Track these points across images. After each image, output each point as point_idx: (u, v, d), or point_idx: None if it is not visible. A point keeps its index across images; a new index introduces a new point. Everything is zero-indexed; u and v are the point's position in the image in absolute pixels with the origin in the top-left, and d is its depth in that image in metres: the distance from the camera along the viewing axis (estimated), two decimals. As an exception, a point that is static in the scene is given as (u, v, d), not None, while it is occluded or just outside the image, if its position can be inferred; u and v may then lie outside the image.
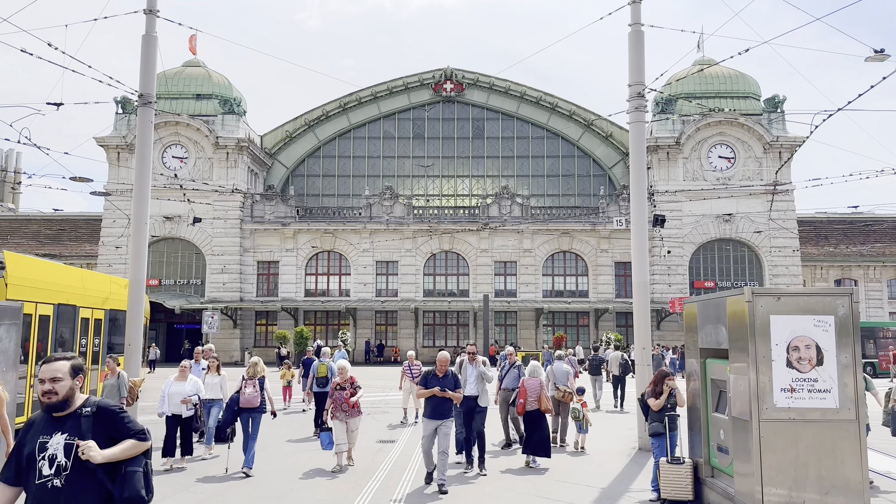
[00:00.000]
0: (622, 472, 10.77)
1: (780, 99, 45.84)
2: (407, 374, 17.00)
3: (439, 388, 9.60)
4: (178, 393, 11.02)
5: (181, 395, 10.98)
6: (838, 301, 6.74)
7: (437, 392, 9.58)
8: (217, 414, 11.52)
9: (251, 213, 46.57)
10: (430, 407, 9.65)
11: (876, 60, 15.07)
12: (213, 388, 12.02)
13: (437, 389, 9.60)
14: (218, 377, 12.18)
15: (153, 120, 14.28)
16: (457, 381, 9.98)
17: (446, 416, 9.68)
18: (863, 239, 50.78)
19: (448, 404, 9.73)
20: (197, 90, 47.93)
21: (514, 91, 51.92)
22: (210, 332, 25.55)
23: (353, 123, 52.51)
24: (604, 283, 45.97)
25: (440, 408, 9.64)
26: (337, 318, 46.60)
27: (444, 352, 9.99)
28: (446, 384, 9.70)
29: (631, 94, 13.90)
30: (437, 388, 9.60)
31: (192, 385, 11.16)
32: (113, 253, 44.13)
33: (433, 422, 9.56)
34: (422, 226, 45.96)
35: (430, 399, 9.68)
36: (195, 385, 11.20)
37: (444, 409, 9.66)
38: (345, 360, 10.44)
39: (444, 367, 9.81)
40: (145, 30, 14.13)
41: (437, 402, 9.64)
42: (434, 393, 9.60)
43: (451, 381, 9.82)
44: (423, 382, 9.92)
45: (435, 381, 9.74)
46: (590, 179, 51.81)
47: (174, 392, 11.07)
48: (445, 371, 9.83)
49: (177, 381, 11.24)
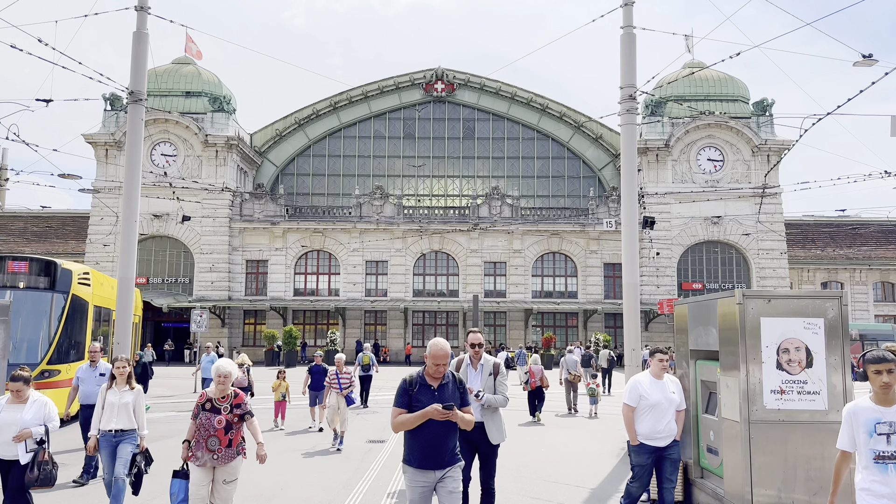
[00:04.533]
0: (612, 473, 10.81)
1: (768, 102, 46.20)
2: (334, 384, 13.10)
3: (439, 406, 5.09)
4: (9, 424, 6.62)
5: (13, 427, 6.60)
6: (828, 304, 6.79)
7: (436, 413, 5.07)
8: (129, 455, 7.63)
9: (240, 212, 46.40)
10: (421, 444, 5.22)
11: (864, 65, 15.19)
12: (120, 413, 7.71)
13: (434, 409, 5.09)
14: (130, 393, 7.84)
15: (143, 117, 14.21)
16: (464, 391, 5.52)
17: (450, 459, 5.28)
18: (849, 242, 51.22)
19: (453, 437, 5.34)
20: (187, 88, 47.72)
21: (505, 92, 52.01)
22: (198, 331, 25.43)
23: (344, 122, 52.42)
24: (593, 284, 46.12)
25: (439, 444, 5.22)
26: (326, 317, 46.50)
27: (441, 340, 5.44)
28: (448, 397, 5.28)
29: (622, 96, 13.94)
30: (436, 407, 5.09)
31: (35, 412, 6.75)
32: (100, 251, 43.84)
33: (427, 475, 5.22)
34: (412, 226, 45.95)
35: (420, 430, 5.20)
36: (38, 411, 6.77)
37: (447, 447, 5.27)
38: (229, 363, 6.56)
39: (441, 367, 5.31)
40: (136, 27, 14.05)
41: (436, 432, 5.18)
42: (429, 415, 5.10)
43: (454, 391, 5.40)
44: (401, 398, 5.30)
45: (425, 393, 5.27)
46: (580, 181, 51.97)
47: (2, 422, 6.63)
48: (444, 374, 5.36)
49: (9, 404, 6.77)
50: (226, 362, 6.66)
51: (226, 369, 6.53)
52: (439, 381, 5.35)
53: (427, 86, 51.87)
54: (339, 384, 13.07)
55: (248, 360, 16.31)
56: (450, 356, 5.37)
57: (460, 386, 5.50)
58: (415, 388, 5.31)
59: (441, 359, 5.29)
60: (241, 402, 6.60)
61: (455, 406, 5.16)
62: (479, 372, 7.12)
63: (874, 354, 4.35)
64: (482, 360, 7.17)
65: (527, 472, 10.72)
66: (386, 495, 9.16)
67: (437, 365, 5.31)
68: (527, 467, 11.02)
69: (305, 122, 52.23)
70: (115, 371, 7.92)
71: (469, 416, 5.35)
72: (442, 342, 5.39)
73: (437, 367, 5.32)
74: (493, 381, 7.00)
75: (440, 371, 5.33)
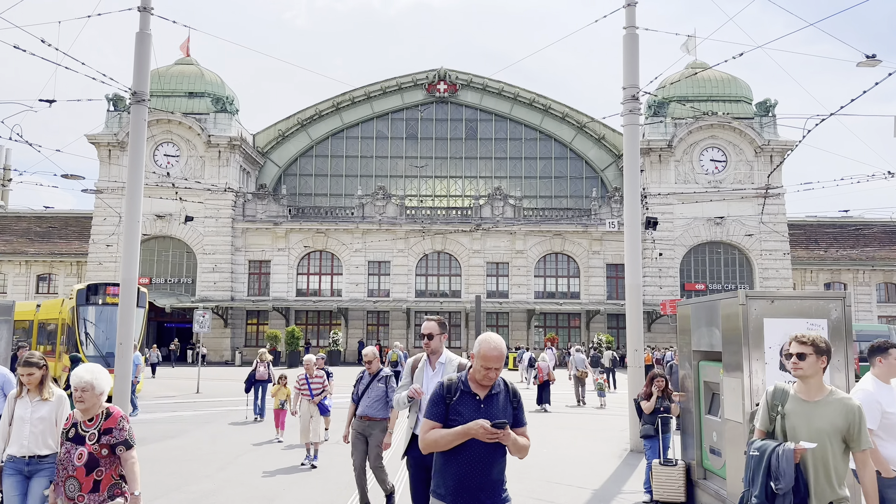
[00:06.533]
0: (614, 474, 10.80)
1: (771, 103, 46.12)
2: (304, 390, 11.35)
3: (487, 423, 3.72)
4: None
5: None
6: (831, 305, 6.77)
7: (483, 431, 3.71)
8: (42, 492, 5.26)
9: (243, 212, 46.43)
10: (457, 472, 3.86)
11: (867, 66, 15.16)
12: (33, 432, 5.34)
13: (480, 426, 3.72)
14: (44, 405, 5.39)
15: (146, 118, 14.23)
16: (519, 406, 4.07)
17: (494, 497, 3.92)
18: (853, 243, 51.09)
19: (500, 466, 3.96)
20: (189, 88, 47.76)
21: (508, 92, 51.97)
22: (201, 332, 25.44)
23: (347, 123, 52.43)
24: (595, 284, 46.08)
25: (482, 474, 3.88)
26: (329, 318, 46.51)
27: (494, 336, 4.02)
28: (498, 412, 3.94)
29: (625, 96, 13.93)
30: (482, 423, 3.71)
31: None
32: (103, 251, 43.92)
33: None
34: (414, 226, 45.94)
35: (457, 452, 3.87)
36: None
37: (490, 478, 3.90)
38: (93, 370, 4.78)
39: (494, 371, 3.92)
40: (139, 27, 14.06)
41: (479, 457, 3.86)
42: (473, 434, 3.75)
43: (506, 404, 4.02)
44: (436, 407, 3.99)
45: (468, 404, 3.95)
46: (582, 181, 51.92)
47: None
48: (494, 382, 3.99)
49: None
50: (86, 369, 4.80)
51: (84, 379, 4.70)
52: (487, 390, 3.97)
53: (430, 86, 51.85)
54: (309, 390, 11.31)
55: (268, 356, 16.80)
56: (504, 352, 3.96)
57: (514, 399, 4.07)
58: (454, 397, 3.96)
59: (494, 361, 3.89)
60: (113, 427, 4.70)
61: (504, 421, 3.74)
62: (437, 373, 5.39)
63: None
64: (443, 359, 5.48)
65: (529, 472, 10.70)
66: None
67: (488, 369, 3.90)
68: (530, 468, 10.99)
69: (308, 122, 52.25)
70: (22, 377, 5.40)
71: (524, 441, 3.92)
72: (496, 339, 3.96)
73: (488, 371, 3.90)
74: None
75: (490, 378, 3.93)
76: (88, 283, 23.24)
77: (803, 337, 4.30)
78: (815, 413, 4.15)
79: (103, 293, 21.63)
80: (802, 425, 4.13)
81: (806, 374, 4.22)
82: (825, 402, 4.17)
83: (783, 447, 4.08)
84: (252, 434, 14.44)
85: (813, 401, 4.20)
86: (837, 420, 4.09)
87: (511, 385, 4.14)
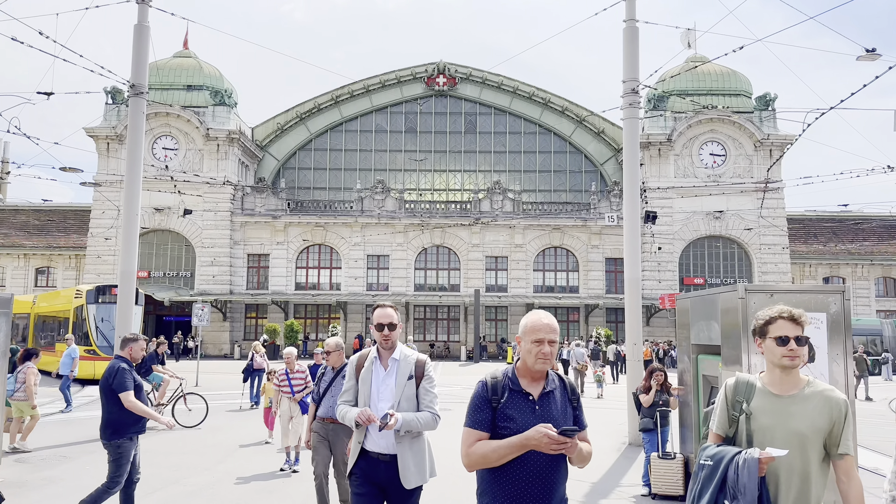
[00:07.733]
0: (613, 467, 10.81)
1: (771, 97, 46.05)
2: (284, 387, 10.31)
3: (551, 429, 3.02)
4: None
5: None
6: (830, 298, 6.77)
7: (547, 439, 3.00)
8: None
9: (241, 206, 46.36)
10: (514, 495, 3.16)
11: (867, 60, 15.14)
12: None
13: (543, 432, 3.01)
14: None
15: (145, 111, 14.19)
16: (578, 404, 3.39)
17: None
18: (852, 237, 51.12)
19: (564, 480, 3.31)
20: (188, 81, 47.62)
21: (507, 86, 51.86)
22: (200, 325, 25.40)
23: (345, 116, 52.31)
24: (594, 278, 46.09)
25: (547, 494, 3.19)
26: (328, 311, 46.51)
27: (542, 312, 3.34)
28: (557, 414, 3.26)
29: (625, 90, 13.90)
30: (544, 430, 3.01)
31: None
32: (102, 244, 43.87)
33: None
34: (413, 220, 45.90)
35: (512, 468, 3.15)
36: None
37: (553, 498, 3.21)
38: None
39: (552, 346, 3.22)
40: (137, 19, 14.02)
41: (540, 471, 3.16)
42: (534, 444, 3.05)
43: (565, 403, 3.33)
44: (480, 412, 3.25)
45: (520, 406, 3.23)
46: (581, 175, 51.87)
47: None
48: (546, 375, 3.31)
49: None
50: None
51: None
52: (541, 387, 3.26)
53: (429, 80, 51.73)
54: (290, 386, 10.16)
55: (261, 348, 18.71)
56: (558, 330, 3.28)
57: (573, 396, 3.38)
58: (501, 398, 3.22)
59: (547, 330, 3.21)
60: None
61: (568, 428, 3.07)
62: (390, 373, 4.46)
63: None
64: (397, 355, 4.53)
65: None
66: None
67: (541, 342, 3.18)
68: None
69: (307, 115, 52.13)
70: None
71: (588, 448, 3.30)
72: (541, 311, 3.34)
73: (541, 345, 3.18)
74: (416, 390, 4.43)
75: (546, 354, 3.18)
76: (97, 284, 27.06)
77: (799, 315, 3.24)
78: (790, 411, 3.17)
79: (109, 293, 25.07)
80: (776, 426, 3.17)
81: (801, 363, 3.25)
82: (802, 397, 3.19)
83: (746, 455, 3.08)
84: (242, 433, 13.57)
85: (787, 395, 3.21)
86: (819, 419, 3.13)
87: (568, 380, 3.43)
